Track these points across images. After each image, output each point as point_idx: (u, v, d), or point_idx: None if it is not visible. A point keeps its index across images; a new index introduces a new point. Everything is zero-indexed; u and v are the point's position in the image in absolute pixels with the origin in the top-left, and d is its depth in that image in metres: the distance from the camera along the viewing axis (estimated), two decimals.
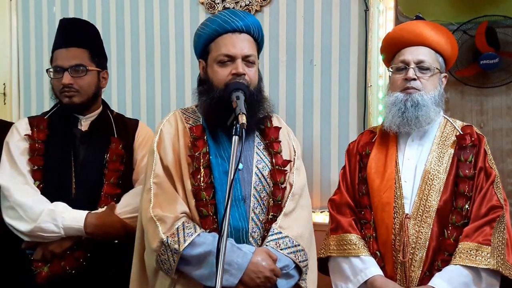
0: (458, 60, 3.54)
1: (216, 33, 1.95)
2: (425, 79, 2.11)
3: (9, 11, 3.62)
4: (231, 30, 1.95)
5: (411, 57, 2.12)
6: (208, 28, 1.97)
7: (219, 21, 1.96)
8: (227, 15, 1.97)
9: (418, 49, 2.14)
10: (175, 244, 1.79)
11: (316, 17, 3.07)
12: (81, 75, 2.24)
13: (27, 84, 3.60)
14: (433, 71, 2.13)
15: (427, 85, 2.11)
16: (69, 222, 2.11)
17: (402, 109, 2.10)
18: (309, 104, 3.10)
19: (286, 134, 2.14)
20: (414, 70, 2.11)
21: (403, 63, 2.14)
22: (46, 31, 3.56)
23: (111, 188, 2.23)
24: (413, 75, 2.10)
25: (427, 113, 2.09)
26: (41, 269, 2.14)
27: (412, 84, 2.10)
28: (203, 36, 2.00)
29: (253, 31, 1.99)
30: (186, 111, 2.10)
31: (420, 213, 2.02)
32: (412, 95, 2.09)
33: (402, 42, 2.18)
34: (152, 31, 3.36)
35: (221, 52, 1.93)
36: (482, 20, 3.50)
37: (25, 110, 3.60)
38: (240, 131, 1.61)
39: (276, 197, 1.96)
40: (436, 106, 2.12)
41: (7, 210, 2.15)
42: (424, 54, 2.13)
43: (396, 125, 2.13)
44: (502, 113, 3.58)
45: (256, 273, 1.79)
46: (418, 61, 2.12)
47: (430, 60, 2.13)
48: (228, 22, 1.94)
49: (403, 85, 2.12)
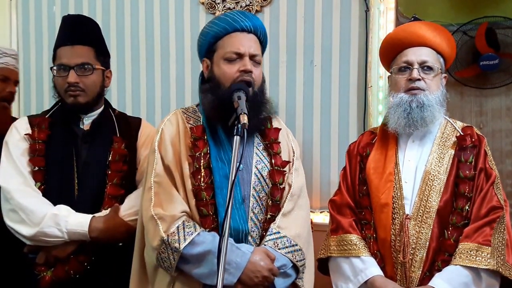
0: (458, 61, 3.55)
1: (224, 31, 1.99)
2: (429, 79, 2.11)
3: (9, 10, 3.61)
4: (240, 29, 1.99)
5: (414, 58, 2.12)
6: (217, 26, 2.00)
7: (228, 19, 1.99)
8: (237, 15, 2.00)
9: (420, 49, 2.14)
10: (175, 242, 1.81)
11: (316, 17, 3.07)
12: (87, 73, 2.19)
13: (27, 83, 3.59)
14: (436, 71, 2.13)
15: (431, 85, 2.11)
16: (73, 226, 2.06)
17: (408, 110, 2.09)
18: (309, 105, 3.09)
19: (286, 134, 2.15)
20: (418, 71, 2.11)
21: (406, 64, 2.14)
22: (46, 30, 3.56)
23: (115, 189, 2.18)
24: (418, 75, 2.10)
25: (433, 113, 2.09)
26: (44, 274, 2.09)
27: (417, 84, 2.10)
28: (210, 33, 2.01)
29: (259, 33, 2.03)
30: (187, 110, 2.11)
31: (420, 213, 2.03)
32: (417, 96, 2.09)
33: (404, 43, 2.17)
34: (152, 31, 3.36)
35: (230, 49, 1.96)
36: (482, 21, 3.51)
37: (24, 108, 3.59)
38: (241, 131, 1.62)
39: (275, 197, 1.97)
40: (440, 106, 2.12)
41: (8, 212, 2.10)
42: (427, 55, 2.13)
43: (402, 126, 2.12)
44: (501, 114, 3.59)
45: (254, 273, 1.80)
46: (421, 62, 2.11)
47: (432, 61, 2.13)
48: (238, 21, 1.98)
49: (407, 85, 2.12)
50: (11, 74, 2.71)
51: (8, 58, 2.69)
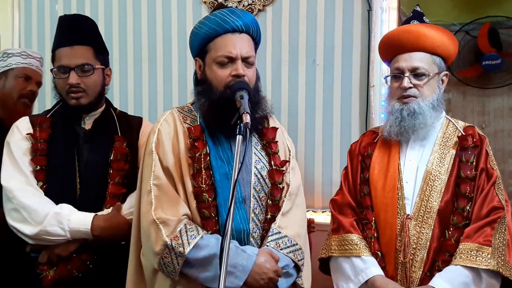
0: (460, 61, 3.56)
1: (215, 33, 1.91)
2: (421, 86, 2.10)
3: (12, 9, 3.62)
4: (231, 30, 1.90)
5: (405, 65, 2.11)
6: (206, 27, 1.92)
7: (218, 20, 1.91)
8: (226, 14, 1.92)
9: (411, 55, 2.11)
10: (179, 247, 1.77)
11: (319, 16, 3.07)
12: (88, 74, 2.18)
13: None
14: (430, 75, 2.11)
15: (424, 91, 2.10)
16: (76, 225, 2.05)
17: (399, 119, 2.10)
18: (312, 104, 3.10)
19: (281, 133, 2.12)
20: (409, 78, 2.10)
21: (398, 71, 2.13)
22: (48, 29, 3.56)
23: (116, 188, 2.17)
24: (408, 84, 2.09)
25: (424, 120, 2.09)
26: (46, 273, 2.08)
27: (409, 92, 2.09)
28: (200, 34, 1.94)
29: (252, 30, 1.96)
30: (182, 109, 2.06)
31: (421, 213, 2.02)
32: (408, 104, 2.09)
33: (395, 49, 2.16)
34: (154, 30, 3.36)
35: (221, 53, 1.89)
36: (484, 21, 3.51)
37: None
38: (244, 131, 1.60)
39: (275, 197, 1.96)
40: (434, 111, 2.11)
41: (10, 212, 2.08)
42: (419, 60, 2.10)
43: (395, 133, 2.13)
44: (504, 114, 3.59)
45: (260, 275, 1.79)
46: (412, 68, 2.10)
47: (425, 66, 2.10)
48: (227, 22, 1.90)
49: (400, 93, 2.12)
50: (34, 74, 2.78)
51: (31, 60, 2.78)
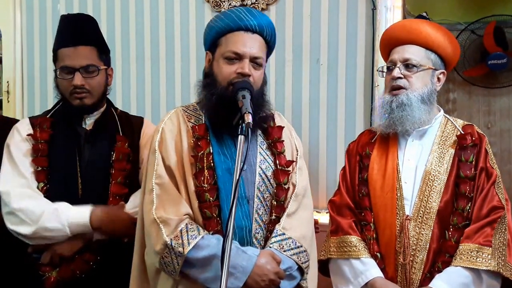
0: (466, 60, 3.54)
1: (228, 28, 1.91)
2: (410, 77, 2.09)
3: (13, 8, 3.63)
4: (244, 28, 1.90)
5: (397, 56, 2.12)
6: (221, 21, 1.93)
7: (233, 16, 1.91)
8: (243, 12, 1.92)
9: (404, 48, 2.12)
10: (179, 247, 1.76)
11: (323, 16, 3.06)
12: (93, 75, 2.18)
13: (31, 82, 3.61)
14: (422, 67, 2.10)
15: (414, 82, 2.09)
16: (74, 218, 2.04)
17: (388, 111, 2.10)
18: (316, 104, 3.09)
19: (288, 133, 2.11)
20: (399, 69, 2.10)
21: (391, 63, 2.14)
22: (51, 28, 3.56)
23: (118, 188, 2.17)
24: (398, 74, 2.09)
25: (412, 112, 2.07)
26: (49, 274, 2.07)
27: (398, 82, 2.09)
28: (214, 28, 1.95)
29: (266, 33, 1.95)
30: (187, 108, 2.06)
31: (420, 214, 2.01)
32: (397, 96, 2.09)
33: (391, 43, 2.18)
34: (157, 29, 3.36)
35: (230, 48, 1.89)
36: (490, 20, 3.50)
37: (28, 108, 3.61)
38: (245, 131, 1.58)
39: (280, 198, 1.94)
40: (423, 104, 2.09)
41: (7, 216, 2.07)
42: (412, 52, 2.11)
43: (384, 126, 2.12)
44: (510, 114, 3.57)
45: (261, 276, 1.77)
46: (404, 60, 2.10)
47: (417, 58, 2.10)
48: (242, 19, 1.90)
49: (390, 84, 2.12)
50: None
51: None
